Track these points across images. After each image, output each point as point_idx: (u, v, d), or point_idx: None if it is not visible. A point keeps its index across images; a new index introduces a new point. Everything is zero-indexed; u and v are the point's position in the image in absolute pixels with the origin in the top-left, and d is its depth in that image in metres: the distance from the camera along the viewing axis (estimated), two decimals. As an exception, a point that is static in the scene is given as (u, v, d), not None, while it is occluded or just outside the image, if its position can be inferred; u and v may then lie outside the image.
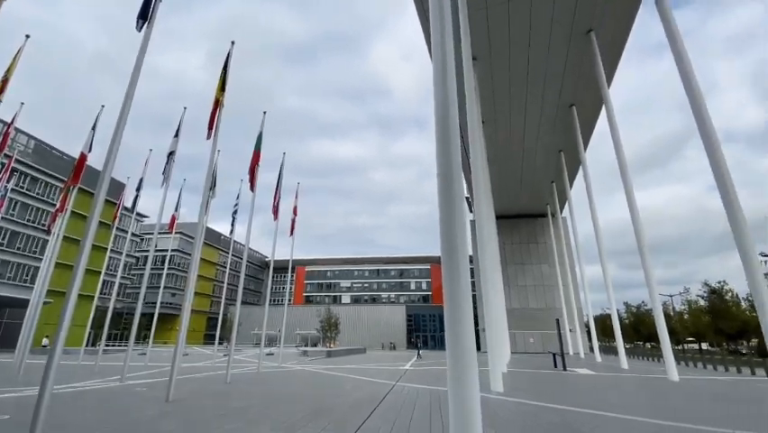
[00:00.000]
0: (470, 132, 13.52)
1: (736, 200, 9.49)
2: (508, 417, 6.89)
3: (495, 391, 10.08)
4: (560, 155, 29.57)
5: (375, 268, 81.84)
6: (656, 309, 15.09)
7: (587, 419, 6.71)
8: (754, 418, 7.39)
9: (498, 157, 30.38)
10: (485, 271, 12.27)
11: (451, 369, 4.12)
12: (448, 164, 4.48)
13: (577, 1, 16.86)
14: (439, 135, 4.68)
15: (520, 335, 40.80)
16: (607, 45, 18.85)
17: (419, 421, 6.13)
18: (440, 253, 4.38)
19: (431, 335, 59.91)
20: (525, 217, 45.24)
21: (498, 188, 35.49)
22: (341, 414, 6.81)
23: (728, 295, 52.61)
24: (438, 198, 4.48)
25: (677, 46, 11.15)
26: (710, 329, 53.31)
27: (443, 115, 4.68)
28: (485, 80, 21.32)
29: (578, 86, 22.18)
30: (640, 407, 8.44)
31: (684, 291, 63.22)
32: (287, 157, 18.67)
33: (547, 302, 42.14)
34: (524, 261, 44.59)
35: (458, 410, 4.01)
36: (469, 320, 4.07)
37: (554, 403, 8.39)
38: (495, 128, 26.47)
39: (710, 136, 10.10)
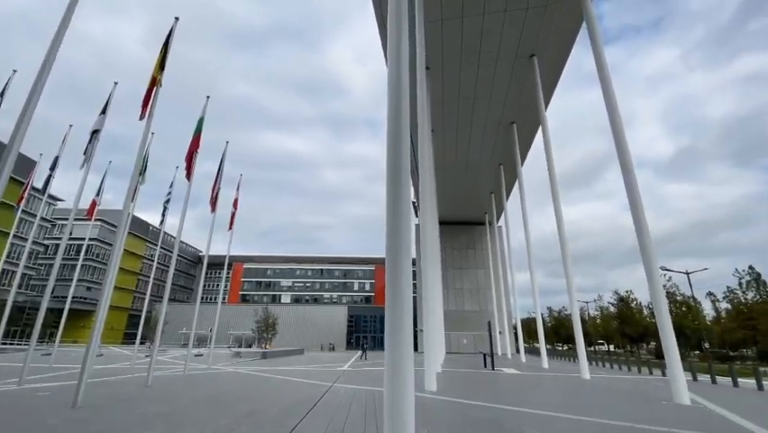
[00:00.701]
0: (420, 139, 13.90)
1: (643, 219, 10.84)
2: (440, 415, 7.17)
3: (429, 390, 10.41)
4: (499, 168, 31.50)
5: (319, 268, 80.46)
6: (574, 314, 16.65)
7: (512, 416, 7.21)
8: (648, 411, 8.46)
9: (444, 165, 31.57)
10: (426, 273, 12.67)
11: (388, 369, 4.20)
12: (397, 169, 4.57)
13: (523, 27, 18.14)
14: (390, 140, 4.76)
15: (455, 335, 42.66)
16: (546, 70, 20.51)
17: (354, 422, 6.15)
18: (384, 255, 4.45)
19: (371, 335, 60.30)
20: (466, 225, 47.50)
21: (442, 195, 36.89)
22: (272, 417, 6.60)
23: (633, 303, 59.91)
24: (386, 201, 4.55)
25: (605, 76, 12.46)
26: (617, 333, 60.26)
27: (395, 121, 4.77)
28: (436, 91, 22.08)
29: (519, 105, 23.83)
30: (557, 403, 9.25)
31: (598, 299, 70.78)
32: (230, 146, 17.72)
33: (481, 305, 44.57)
34: (462, 265, 46.74)
35: (393, 410, 4.09)
36: (408, 321, 4.18)
37: (483, 401, 8.89)
38: (443, 137, 27.48)
39: (627, 162, 11.42)
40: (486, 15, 17.52)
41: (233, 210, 20.20)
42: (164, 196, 20.20)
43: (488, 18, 17.66)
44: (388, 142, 4.75)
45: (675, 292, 48.75)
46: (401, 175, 4.53)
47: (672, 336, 10.17)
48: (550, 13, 17.37)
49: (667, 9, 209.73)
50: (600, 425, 6.60)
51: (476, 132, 27.17)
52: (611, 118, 12.01)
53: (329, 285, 79.05)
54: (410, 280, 4.24)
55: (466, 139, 28.17)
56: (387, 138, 4.78)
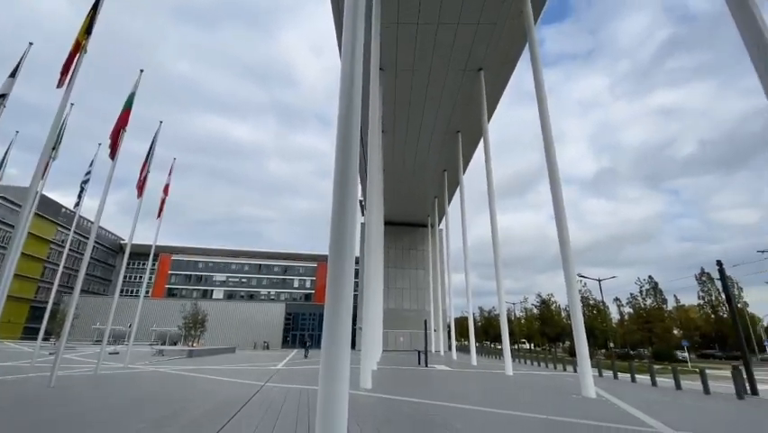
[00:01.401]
0: (371, 138, 13.98)
1: (566, 230, 11.95)
2: (374, 411, 7.28)
3: (364, 387, 10.51)
4: (444, 174, 32.77)
5: (257, 263, 77.04)
6: (502, 315, 17.84)
7: (440, 410, 7.54)
8: (560, 404, 9.34)
9: (393, 167, 32.05)
10: (369, 272, 12.78)
11: (324, 367, 4.18)
12: (346, 166, 4.56)
13: (473, 41, 19.04)
14: (340, 136, 4.74)
15: (392, 334, 43.51)
16: (492, 85, 21.74)
17: (285, 422, 6.01)
18: (328, 252, 4.42)
19: (309, 333, 59.25)
20: (410, 226, 48.69)
21: (389, 195, 37.40)
22: (194, 420, 6.22)
23: (554, 306, 65.84)
24: (332, 198, 4.52)
25: (542, 96, 13.52)
26: (538, 333, 65.79)
27: (346, 117, 4.76)
28: (389, 93, 22.34)
29: (465, 115, 24.98)
30: (482, 398, 9.85)
31: (523, 301, 76.69)
32: (165, 127, 16.35)
33: (419, 304, 46.00)
34: (403, 265, 47.84)
35: (326, 408, 4.07)
36: (347, 319, 4.20)
37: (415, 397, 9.20)
38: (393, 139, 27.89)
39: (555, 176, 12.51)
40: (440, 25, 18.11)
41: (164, 196, 18.66)
42: (82, 175, 18.06)
43: (441, 28, 18.27)
44: (337, 139, 4.72)
45: (588, 297, 54.45)
46: (349, 172, 4.53)
47: (583, 336, 11.32)
48: (498, 32, 18.43)
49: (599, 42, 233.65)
50: (518, 417, 7.17)
51: (424, 137, 27.96)
52: (544, 135, 13.08)
53: (267, 281, 76.10)
54: (352, 278, 4.25)
55: (415, 143, 28.87)
56: (336, 134, 4.76)
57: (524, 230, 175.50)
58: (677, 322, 51.10)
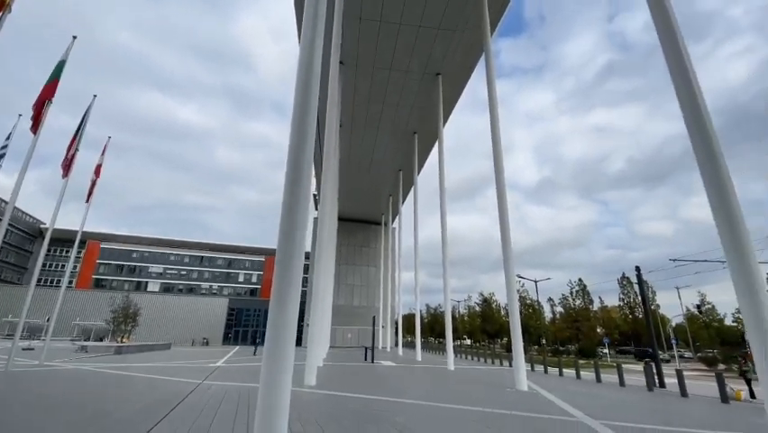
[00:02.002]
0: (328, 131, 13.77)
1: (508, 233, 12.66)
2: (317, 408, 7.21)
3: (308, 384, 10.38)
4: (399, 174, 33.21)
5: (199, 254, 72.67)
6: (447, 312, 18.50)
7: (383, 405, 7.66)
8: (495, 397, 9.89)
9: (349, 162, 31.85)
10: (320, 268, 12.59)
11: (266, 364, 4.06)
12: (299, 158, 4.45)
13: (433, 46, 19.46)
14: (295, 126, 4.61)
15: (341, 330, 43.34)
16: (449, 90, 22.39)
17: (223, 421, 5.76)
18: (276, 246, 4.29)
19: (253, 330, 57.16)
20: (363, 223, 48.74)
21: (344, 191, 37.13)
22: (121, 421, 5.75)
23: (494, 304, 69.51)
24: (284, 190, 4.39)
25: (493, 105, 14.17)
26: (479, 329, 69.13)
27: (302, 108, 4.64)
28: (348, 87, 22.15)
29: (422, 117, 25.49)
30: (424, 392, 10.15)
31: (467, 299, 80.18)
32: (100, 102, 14.86)
33: (369, 301, 46.26)
34: (355, 262, 47.79)
35: (266, 406, 3.97)
36: (294, 315, 4.11)
37: (360, 393, 9.25)
38: (351, 134, 27.71)
39: (501, 182, 13.19)
40: (402, 26, 18.28)
41: (95, 178, 16.96)
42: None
43: (403, 29, 18.45)
44: (292, 129, 4.59)
45: (525, 297, 58.16)
46: (303, 164, 4.42)
47: (519, 333, 12.08)
48: (457, 39, 19.01)
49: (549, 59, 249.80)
50: (457, 410, 7.49)
51: (382, 135, 28.10)
52: (494, 143, 13.73)
53: (209, 275, 72.13)
54: (300, 273, 4.17)
55: (372, 140, 28.91)
56: (291, 124, 4.62)
57: (471, 232, 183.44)
58: (600, 321, 56.30)
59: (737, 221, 5.66)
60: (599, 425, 6.60)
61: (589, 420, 6.98)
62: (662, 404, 9.98)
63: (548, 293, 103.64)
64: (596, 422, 6.82)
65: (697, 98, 6.42)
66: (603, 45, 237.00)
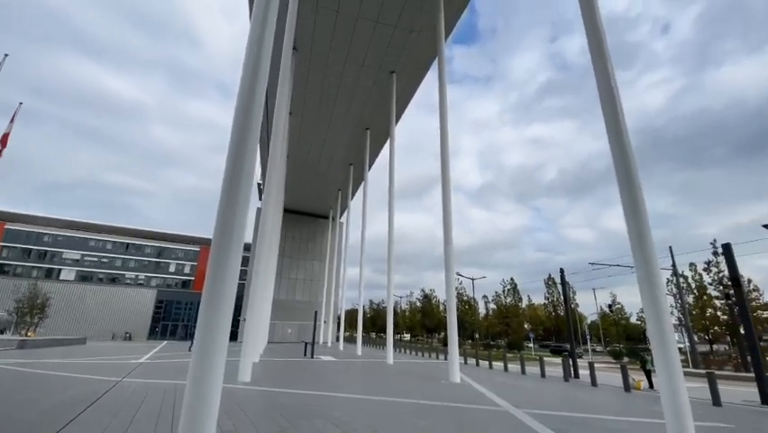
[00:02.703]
0: (276, 117, 13.24)
1: (450, 233, 13.18)
2: (250, 404, 6.95)
3: (242, 381, 9.98)
4: (350, 168, 33.00)
5: (124, 241, 66.11)
6: (389, 307, 18.81)
7: (320, 400, 7.60)
8: (430, 389, 10.27)
9: (298, 152, 30.96)
10: (260, 261, 12.10)
11: (195, 360, 3.82)
12: (243, 143, 4.22)
13: (389, 43, 19.55)
14: (241, 109, 4.36)
15: (280, 325, 42.20)
16: (402, 89, 22.66)
17: (143, 421, 5.32)
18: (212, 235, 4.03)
19: (183, 324, 53.56)
20: (310, 216, 47.76)
21: (292, 181, 36.07)
22: (22, 424, 5.07)
23: (434, 300, 72.14)
24: (224, 176, 4.14)
25: (443, 111, 14.62)
26: (419, 324, 71.36)
27: (249, 90, 4.40)
28: (301, 75, 21.48)
29: (375, 113, 25.54)
30: (362, 386, 10.25)
31: (409, 295, 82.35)
32: (11, 62, 12.86)
33: (312, 296, 45.51)
34: (299, 255, 46.71)
35: (194, 404, 3.74)
36: (227, 308, 3.91)
37: (297, 388, 9.08)
38: (300, 123, 26.93)
39: (446, 184, 13.67)
40: (359, 19, 18.10)
41: (0, 148, 14.70)
42: None
43: (361, 22, 18.28)
44: (236, 111, 4.34)
45: (463, 293, 61.07)
46: (246, 150, 4.20)
47: (455, 328, 12.65)
48: (413, 39, 19.28)
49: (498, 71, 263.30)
50: (393, 403, 7.67)
51: (334, 128, 27.68)
52: (442, 145, 14.19)
53: (136, 263, 66.03)
54: (238, 265, 3.96)
55: (323, 132, 28.36)
56: (236, 106, 4.36)
57: (417, 230, 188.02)
58: (528, 318, 60.92)
59: (645, 232, 6.43)
60: (522, 413, 7.15)
61: (514, 409, 7.53)
62: (575, 393, 11.07)
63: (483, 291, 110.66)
64: (519, 411, 7.37)
65: (620, 119, 7.16)
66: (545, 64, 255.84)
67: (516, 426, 6.12)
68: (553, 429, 5.92)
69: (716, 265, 32.08)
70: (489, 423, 6.21)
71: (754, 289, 32.50)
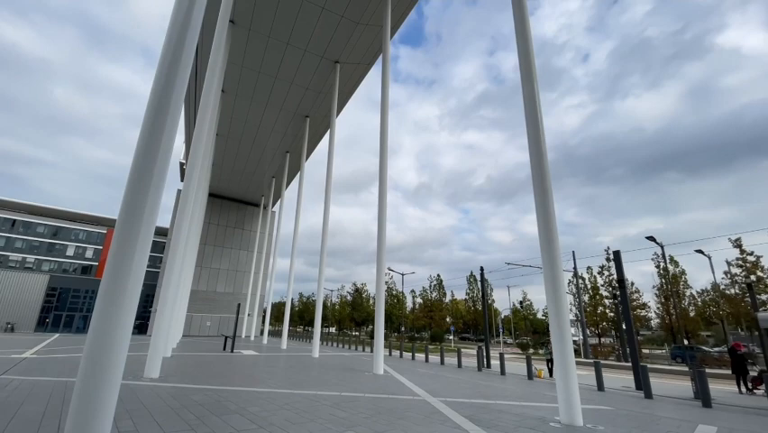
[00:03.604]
0: (205, 93, 12.24)
1: (384, 229, 13.42)
2: (155, 402, 6.39)
3: (149, 377, 9.16)
4: (286, 156, 31.78)
5: (10, 217, 56.31)
6: (318, 300, 18.61)
7: (239, 396, 7.26)
8: (353, 381, 10.38)
9: (229, 132, 28.99)
10: (178, 248, 11.13)
11: (89, 354, 3.41)
12: (162, 115, 3.82)
13: (335, 32, 19.14)
14: (161, 78, 3.94)
15: (198, 317, 39.37)
16: (346, 81, 22.39)
17: (22, 425, 4.61)
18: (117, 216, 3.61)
19: (82, 315, 47.29)
20: (239, 202, 45.08)
21: (221, 164, 33.67)
22: None
23: (365, 294, 73.03)
24: (136, 150, 3.71)
25: (385, 109, 14.77)
26: (348, 318, 71.75)
27: (172, 58, 4.00)
28: (237, 51, 20.08)
29: (316, 102, 24.90)
30: (283, 380, 10.01)
31: (340, 288, 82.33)
32: None
33: (236, 287, 43.07)
34: (224, 244, 43.86)
35: (84, 403, 3.34)
36: (131, 297, 3.53)
37: (212, 384, 8.57)
38: (234, 102, 25.23)
39: (383, 181, 13.87)
40: (305, 2, 17.44)
41: None
42: None
43: (306, 6, 17.63)
44: (156, 80, 3.91)
45: (392, 288, 62.75)
46: (165, 123, 3.81)
47: (382, 321, 12.94)
48: (359, 32, 19.12)
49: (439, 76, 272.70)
50: (314, 396, 7.61)
51: (271, 112, 26.39)
52: (381, 143, 14.34)
53: (24, 244, 56.73)
54: (147, 250, 3.60)
55: (259, 115, 26.89)
56: (156, 74, 3.93)
57: (352, 224, 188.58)
58: (450, 312, 64.64)
59: (553, 237, 7.18)
60: (437, 401, 7.58)
61: (430, 398, 7.95)
62: (485, 382, 12.03)
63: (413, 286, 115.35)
64: (435, 399, 7.80)
65: (540, 135, 7.89)
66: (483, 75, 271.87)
67: (431, 413, 6.47)
68: (463, 415, 6.37)
69: (607, 269, 37.07)
70: (406, 411, 6.48)
71: (636, 291, 38.19)
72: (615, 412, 7.62)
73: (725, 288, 30.89)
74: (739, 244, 28.92)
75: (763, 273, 28.08)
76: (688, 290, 36.97)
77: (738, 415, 7.97)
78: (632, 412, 7.73)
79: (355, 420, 5.67)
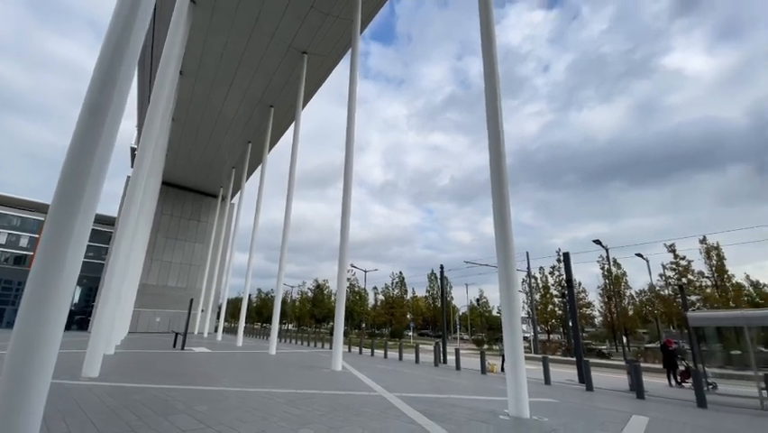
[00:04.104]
0: (161, 74, 11.50)
1: (347, 225, 13.34)
2: (93, 403, 5.94)
3: (87, 376, 8.51)
4: (248, 146, 30.66)
5: (-77, 198, 49.90)
6: (278, 296, 18.17)
7: (187, 395, 6.92)
8: (309, 378, 10.25)
9: (187, 118, 27.48)
10: (124, 238, 10.40)
11: (13, 351, 3.10)
12: (107, 93, 3.53)
13: (303, 21, 18.67)
14: (107, 54, 3.63)
15: (147, 313, 37.10)
16: (313, 72, 21.92)
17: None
18: (51, 201, 3.30)
19: (13, 308, 43.07)
20: (196, 192, 42.93)
21: (176, 150, 31.84)
22: None
23: (326, 291, 72.34)
24: (75, 131, 3.40)
25: (352, 105, 14.65)
26: (309, 314, 70.79)
27: (122, 31, 3.69)
28: (199, 32, 19.03)
29: (282, 92, 24.19)
30: (236, 378, 9.68)
31: (302, 285, 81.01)
32: None
33: (189, 282, 41.03)
34: (178, 236, 41.61)
35: (8, 404, 3.03)
36: (66, 289, 3.25)
37: (157, 383, 8.11)
38: (193, 86, 23.93)
39: (348, 177, 13.77)
40: (274, -12, 16.88)
41: None
42: None
43: (275, -8, 17.07)
44: (101, 55, 3.60)
45: (355, 285, 62.67)
46: (110, 101, 3.51)
47: (342, 318, 12.87)
48: (329, 23, 18.78)
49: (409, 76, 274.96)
50: (267, 393, 7.43)
51: (233, 98, 25.31)
52: (347, 138, 14.23)
53: (-58, 229, 50.68)
54: (84, 240, 3.31)
55: (220, 102, 25.70)
56: (102, 49, 3.62)
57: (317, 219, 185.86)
58: (411, 309, 65.65)
59: (508, 238, 7.47)
60: (393, 397, 7.66)
61: (387, 393, 8.02)
62: (441, 377, 12.33)
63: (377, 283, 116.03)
64: (391, 395, 7.89)
65: (500, 139, 8.16)
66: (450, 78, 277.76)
67: (387, 408, 6.53)
68: (418, 410, 6.48)
69: (558, 270, 39.29)
70: (362, 407, 6.49)
71: (583, 290, 40.78)
72: (559, 404, 8.09)
73: (660, 289, 33.74)
74: (673, 250, 31.69)
75: (693, 276, 31.00)
76: (628, 290, 39.98)
77: (668, 406, 8.75)
78: (574, 404, 8.25)
79: (310, 418, 5.60)
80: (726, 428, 6.52)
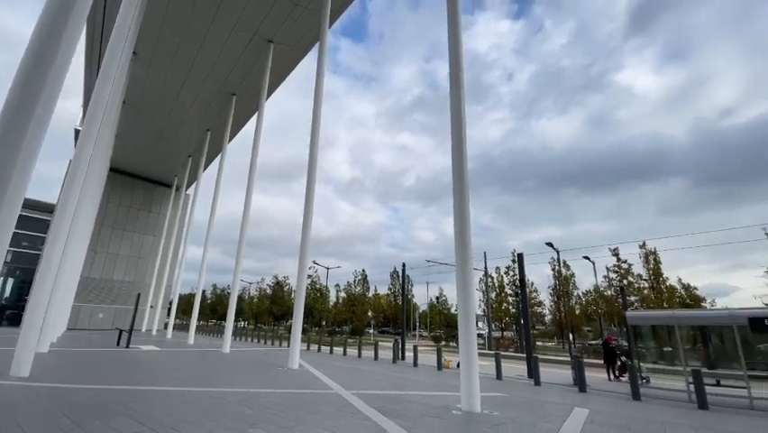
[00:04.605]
0: (110, 53, 10.67)
1: (310, 221, 13.14)
2: (21, 404, 5.42)
3: (16, 376, 7.78)
4: (207, 134, 29.27)
5: None
6: (233, 292, 17.59)
7: (129, 396, 6.50)
8: (264, 376, 10.00)
9: (140, 101, 25.73)
10: (62, 227, 9.56)
11: None
12: (42, 69, 3.20)
13: (270, 10, 18.08)
14: (44, 25, 3.31)
15: (88, 309, 34.45)
16: (279, 63, 21.29)
17: None
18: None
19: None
20: (148, 181, 40.38)
21: (127, 135, 29.69)
22: None
23: (287, 288, 70.85)
24: (2, 107, 3.07)
25: (318, 101, 14.40)
26: (267, 312, 68.99)
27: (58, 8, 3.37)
28: (155, 11, 17.85)
29: (245, 80, 23.30)
30: (184, 378, 9.25)
31: (260, 281, 78.78)
32: None
33: (137, 276, 38.56)
34: (126, 227, 38.92)
35: None
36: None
37: (96, 384, 7.57)
38: (148, 69, 22.44)
39: (312, 173, 13.56)
40: (240, -29, 16.20)
41: None
42: None
43: (241, -24, 16.39)
44: (38, 26, 3.26)
45: (316, 282, 61.89)
46: (46, 79, 3.20)
47: (301, 316, 12.67)
48: (297, 13, 18.32)
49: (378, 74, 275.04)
50: (216, 393, 7.16)
51: (192, 84, 24.03)
52: (312, 132, 14.00)
53: None
54: (10, 228, 2.99)
55: (178, 86, 24.30)
56: (40, 16, 3.28)
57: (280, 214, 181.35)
58: (372, 306, 65.92)
59: (466, 239, 7.69)
60: (350, 394, 7.66)
61: (343, 391, 8.00)
62: (398, 373, 12.49)
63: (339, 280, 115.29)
64: (347, 392, 7.87)
65: (463, 143, 8.36)
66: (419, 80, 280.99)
67: (343, 406, 6.51)
68: (373, 407, 6.52)
69: (512, 270, 41.05)
70: (317, 406, 6.42)
71: (535, 290, 42.90)
72: (508, 399, 8.47)
73: (603, 290, 36.26)
74: (616, 254, 34.16)
75: (633, 279, 33.59)
76: (575, 290, 42.61)
77: (606, 398, 9.42)
78: (523, 398, 8.66)
79: (262, 417, 5.45)
80: (656, 419, 7.13)
